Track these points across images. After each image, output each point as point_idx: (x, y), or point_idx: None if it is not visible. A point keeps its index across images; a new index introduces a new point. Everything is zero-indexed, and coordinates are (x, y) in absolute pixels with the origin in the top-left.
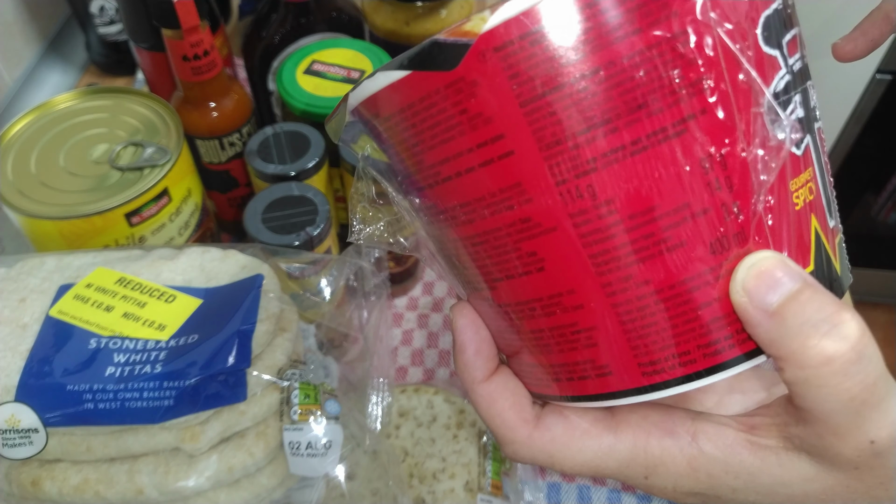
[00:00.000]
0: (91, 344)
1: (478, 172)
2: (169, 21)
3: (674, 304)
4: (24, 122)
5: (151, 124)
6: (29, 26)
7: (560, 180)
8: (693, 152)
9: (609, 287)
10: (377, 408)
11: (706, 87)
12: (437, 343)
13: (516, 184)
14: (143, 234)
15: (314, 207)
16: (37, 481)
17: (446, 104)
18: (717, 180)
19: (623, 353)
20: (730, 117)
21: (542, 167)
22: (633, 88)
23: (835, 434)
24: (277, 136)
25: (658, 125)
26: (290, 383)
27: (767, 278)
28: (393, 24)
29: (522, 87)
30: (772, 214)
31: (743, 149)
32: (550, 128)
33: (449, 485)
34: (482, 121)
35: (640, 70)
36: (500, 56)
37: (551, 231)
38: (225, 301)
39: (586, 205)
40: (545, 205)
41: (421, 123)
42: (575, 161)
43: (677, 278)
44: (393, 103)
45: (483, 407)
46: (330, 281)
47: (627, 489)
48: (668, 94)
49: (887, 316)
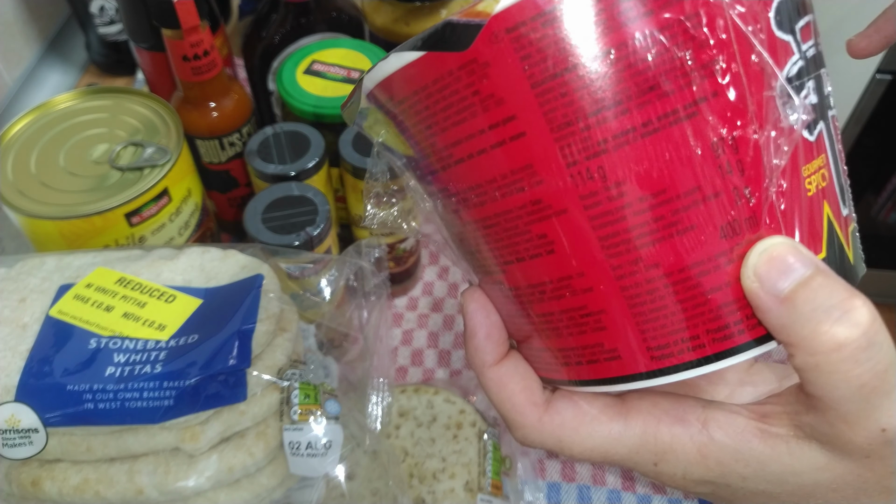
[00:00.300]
0: (91, 344)
1: (490, 154)
2: (169, 21)
3: (683, 288)
4: (24, 122)
5: (151, 124)
6: (29, 26)
7: (571, 162)
8: (704, 135)
9: (618, 270)
10: (377, 408)
11: (718, 69)
12: (437, 343)
13: (527, 165)
14: (143, 234)
15: (314, 207)
16: (37, 481)
17: (459, 86)
18: (729, 164)
19: (632, 336)
20: (742, 100)
21: (553, 149)
22: (644, 70)
23: (845, 421)
24: (277, 136)
25: (669, 107)
26: (290, 383)
27: (779, 264)
28: (393, 23)
29: (534, 69)
30: (784, 199)
31: (755, 132)
32: (562, 109)
33: (449, 485)
34: (494, 102)
35: (651, 52)
36: (512, 37)
37: (561, 213)
38: (225, 301)
39: (596, 187)
40: (556, 187)
41: (434, 105)
42: (586, 143)
43: (687, 262)
44: (406, 85)
45: (493, 390)
46: (330, 281)
47: (627, 489)
48: (680, 76)
49: (887, 315)
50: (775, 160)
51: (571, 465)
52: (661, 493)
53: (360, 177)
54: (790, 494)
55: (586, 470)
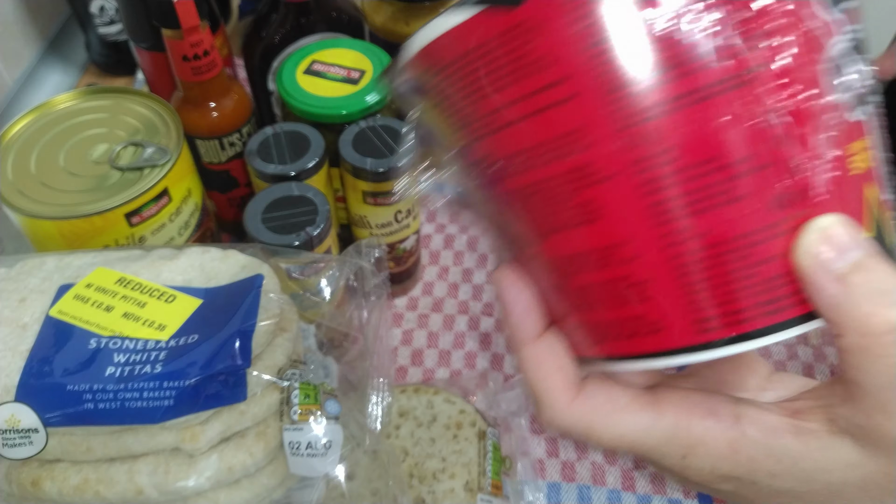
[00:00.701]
0: (91, 344)
1: (539, 117)
2: (169, 21)
3: (732, 259)
4: (24, 122)
5: (151, 124)
6: (29, 26)
7: (622, 126)
8: (758, 104)
9: (666, 238)
10: (377, 408)
11: (774, 40)
12: (437, 343)
13: (577, 128)
14: (143, 234)
15: (314, 207)
16: (37, 481)
17: (513, 45)
18: (781, 134)
19: (677, 308)
20: (794, 71)
21: (605, 111)
22: (701, 36)
23: (883, 411)
24: (277, 136)
25: (724, 74)
26: (290, 383)
27: (837, 243)
28: (393, 24)
29: (590, 29)
30: (834, 175)
31: (807, 104)
32: (616, 71)
33: (449, 485)
34: (546, 64)
35: (708, 17)
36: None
37: (609, 179)
38: (225, 301)
39: (647, 152)
40: (605, 151)
41: (484, 67)
42: (639, 106)
43: (737, 232)
44: (454, 48)
45: (530, 368)
46: (330, 281)
47: (628, 489)
48: (737, 43)
49: None
50: (824, 134)
51: (571, 465)
52: (661, 494)
53: (360, 177)
54: (816, 493)
55: (586, 470)
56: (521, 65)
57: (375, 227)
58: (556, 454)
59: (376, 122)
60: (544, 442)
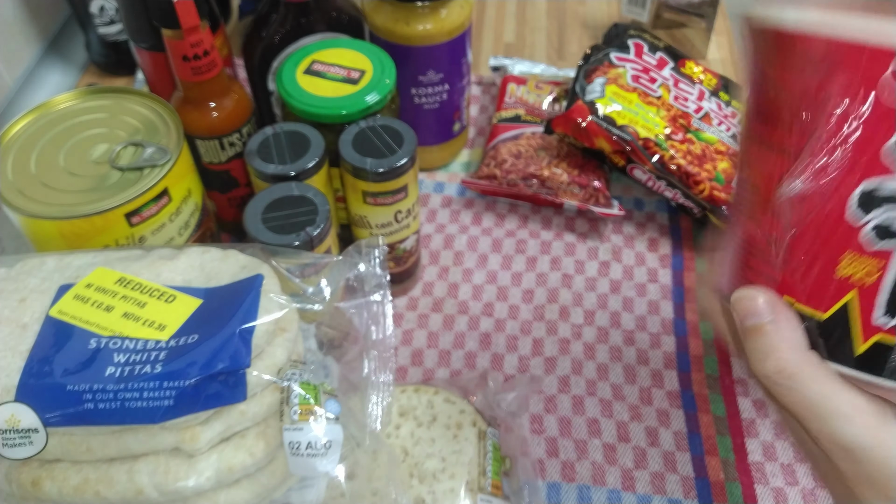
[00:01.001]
0: (91, 344)
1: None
2: (169, 21)
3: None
4: (24, 122)
5: (151, 124)
6: (29, 26)
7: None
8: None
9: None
10: (377, 408)
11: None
12: (437, 343)
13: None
14: (143, 234)
15: (314, 207)
16: (37, 481)
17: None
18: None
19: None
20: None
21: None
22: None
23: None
24: (277, 136)
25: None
26: (290, 383)
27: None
28: (393, 24)
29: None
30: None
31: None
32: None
33: (449, 485)
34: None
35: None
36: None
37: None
38: (225, 301)
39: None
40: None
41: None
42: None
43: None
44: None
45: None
46: (330, 281)
47: (628, 489)
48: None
49: None
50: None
51: (571, 465)
52: (661, 494)
53: (360, 177)
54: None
55: (586, 470)
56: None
57: (375, 227)
58: (556, 454)
59: (376, 122)
60: (544, 442)
